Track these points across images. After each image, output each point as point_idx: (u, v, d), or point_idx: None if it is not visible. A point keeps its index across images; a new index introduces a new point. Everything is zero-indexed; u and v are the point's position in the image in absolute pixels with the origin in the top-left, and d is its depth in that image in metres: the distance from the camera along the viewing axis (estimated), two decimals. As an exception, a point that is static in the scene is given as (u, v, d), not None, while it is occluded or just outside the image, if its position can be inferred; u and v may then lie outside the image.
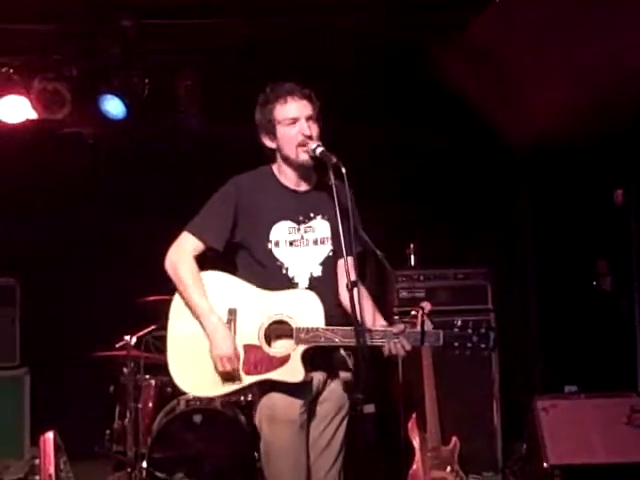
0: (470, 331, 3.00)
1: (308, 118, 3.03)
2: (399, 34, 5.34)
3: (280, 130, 3.06)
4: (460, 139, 6.18)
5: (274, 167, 3.16)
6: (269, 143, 3.11)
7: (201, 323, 3.02)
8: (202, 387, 3.08)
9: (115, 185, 6.17)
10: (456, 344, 3.00)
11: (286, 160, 3.10)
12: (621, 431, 5.26)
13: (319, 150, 2.98)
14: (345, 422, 3.15)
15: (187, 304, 3.04)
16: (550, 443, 5.30)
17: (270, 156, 3.16)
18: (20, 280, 5.98)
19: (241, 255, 3.13)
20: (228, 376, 2.99)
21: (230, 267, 3.13)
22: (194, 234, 3.08)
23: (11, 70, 5.41)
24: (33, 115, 5.53)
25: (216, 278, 3.08)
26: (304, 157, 3.03)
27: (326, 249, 3.13)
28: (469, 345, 3.00)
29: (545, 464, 5.26)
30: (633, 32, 4.36)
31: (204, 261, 3.11)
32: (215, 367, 2.99)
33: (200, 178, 5.17)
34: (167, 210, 5.53)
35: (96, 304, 6.07)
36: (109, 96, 5.60)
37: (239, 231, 3.08)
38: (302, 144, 3.02)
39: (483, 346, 3.02)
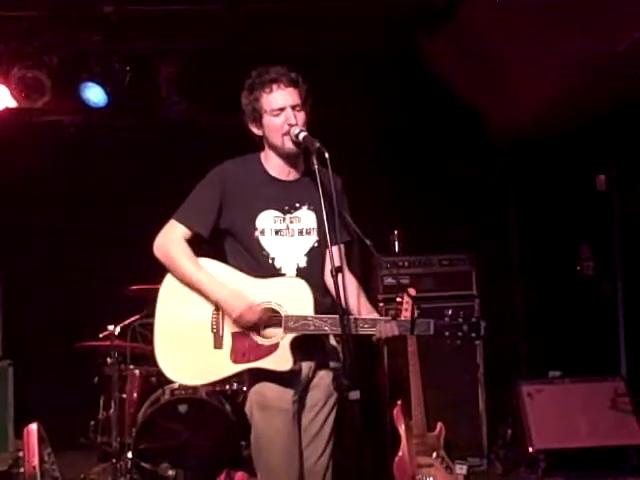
0: (461, 320, 3.00)
1: (294, 107, 3.00)
2: (387, 20, 5.31)
3: (266, 119, 3.03)
4: (445, 126, 6.17)
5: (261, 155, 3.14)
6: (256, 130, 3.09)
7: (205, 293, 2.97)
8: (189, 375, 3.04)
9: (96, 174, 6.11)
10: (447, 333, 3.00)
11: (273, 148, 3.08)
12: (606, 415, 5.30)
13: (302, 135, 2.95)
14: (335, 410, 3.15)
15: (183, 280, 3.00)
16: (535, 428, 5.34)
17: (258, 142, 3.13)
18: (1, 270, 5.91)
19: (230, 242, 3.11)
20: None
21: (220, 255, 3.11)
22: (181, 222, 3.05)
23: (-11, 58, 5.34)
24: (12, 104, 5.45)
25: (206, 265, 3.05)
26: (289, 145, 3.01)
27: (311, 240, 3.11)
28: (459, 334, 3.00)
29: (530, 449, 5.30)
30: (616, 17, 4.36)
31: (194, 249, 3.07)
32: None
33: (183, 166, 5.13)
34: (150, 198, 5.48)
35: (80, 294, 6.02)
36: (90, 84, 5.54)
37: (225, 218, 3.06)
38: (287, 133, 3.00)
39: (474, 335, 3.01)
